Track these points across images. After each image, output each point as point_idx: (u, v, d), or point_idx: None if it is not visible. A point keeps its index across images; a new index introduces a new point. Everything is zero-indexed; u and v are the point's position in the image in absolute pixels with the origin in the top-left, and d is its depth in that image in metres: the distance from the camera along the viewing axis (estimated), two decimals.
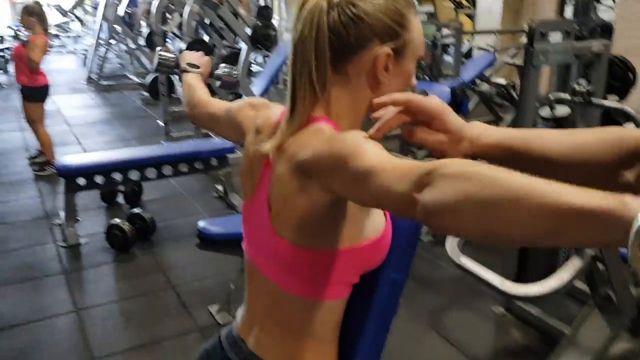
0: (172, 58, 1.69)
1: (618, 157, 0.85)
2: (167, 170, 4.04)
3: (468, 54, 7.28)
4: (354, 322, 1.05)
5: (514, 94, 5.74)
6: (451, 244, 2.80)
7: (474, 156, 0.89)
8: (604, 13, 8.54)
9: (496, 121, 6.26)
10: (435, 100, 0.89)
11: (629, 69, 4.62)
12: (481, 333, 2.96)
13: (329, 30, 0.90)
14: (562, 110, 2.37)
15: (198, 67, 1.53)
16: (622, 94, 4.33)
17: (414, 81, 1.02)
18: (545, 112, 2.41)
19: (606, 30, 7.07)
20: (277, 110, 1.07)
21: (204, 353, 1.15)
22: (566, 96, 2.31)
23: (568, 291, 2.98)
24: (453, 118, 0.89)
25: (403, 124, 0.89)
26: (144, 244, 3.82)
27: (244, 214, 1.09)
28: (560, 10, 7.71)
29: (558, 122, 2.40)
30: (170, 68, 1.70)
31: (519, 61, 6.31)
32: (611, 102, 2.36)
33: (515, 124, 2.61)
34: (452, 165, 0.68)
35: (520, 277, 2.97)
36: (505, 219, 0.61)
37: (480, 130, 0.90)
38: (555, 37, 2.50)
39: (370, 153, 0.78)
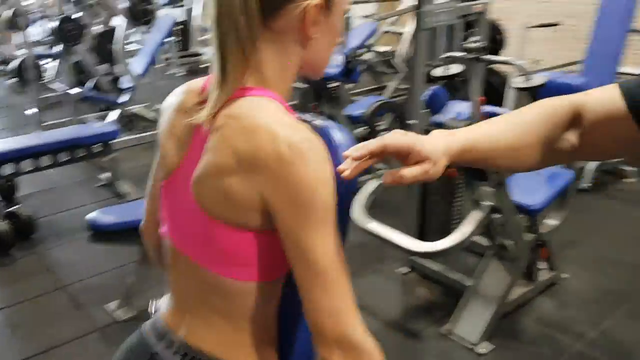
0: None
1: (560, 127, 0.96)
2: (45, 160, 3.69)
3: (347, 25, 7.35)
4: (291, 302, 0.98)
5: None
6: (357, 212, 2.81)
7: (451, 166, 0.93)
8: None
9: (381, 88, 6.40)
10: (403, 134, 0.87)
11: (498, 31, 4.90)
12: (389, 294, 3.02)
13: None
14: (455, 69, 2.42)
15: None
16: (494, 54, 4.58)
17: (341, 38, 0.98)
18: (438, 71, 2.45)
19: None
20: (199, 81, 0.97)
21: (127, 351, 1.02)
22: (458, 55, 2.37)
23: (466, 246, 3.10)
24: (425, 143, 0.87)
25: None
26: (24, 244, 3.49)
27: (165, 192, 0.97)
28: None
29: (450, 80, 2.46)
30: None
31: (398, 28, 6.46)
32: (500, 57, 2.45)
33: (408, 86, 2.63)
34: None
35: (421, 235, 3.05)
36: None
37: (447, 142, 0.90)
38: None
39: (326, 244, 0.81)
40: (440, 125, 2.53)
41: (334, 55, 3.81)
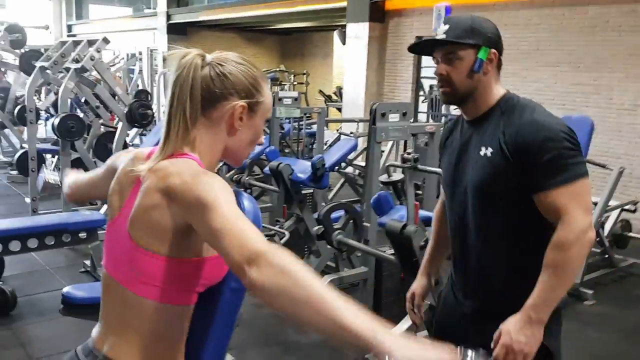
0: (56, 179, 1.74)
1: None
2: (32, 243, 3.91)
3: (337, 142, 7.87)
4: (200, 327, 1.23)
5: None
6: None
7: None
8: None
9: (360, 200, 6.76)
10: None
11: None
12: None
13: (201, 80, 1.17)
14: (398, 176, 2.77)
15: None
16: None
17: (262, 139, 1.31)
18: (383, 177, 2.80)
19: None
20: (146, 149, 1.28)
21: None
22: (398, 164, 2.73)
23: None
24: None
25: None
26: (3, 319, 3.66)
27: (108, 233, 1.25)
28: (415, 105, 8.67)
29: (394, 185, 2.79)
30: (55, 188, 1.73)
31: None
32: (432, 168, 2.80)
33: (363, 190, 2.96)
34: (277, 257, 0.97)
35: None
36: (302, 313, 0.94)
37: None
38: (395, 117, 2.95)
39: (225, 211, 1.03)
40: (383, 226, 2.82)
41: (304, 162, 4.22)
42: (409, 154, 2.52)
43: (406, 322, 2.56)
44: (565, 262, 1.47)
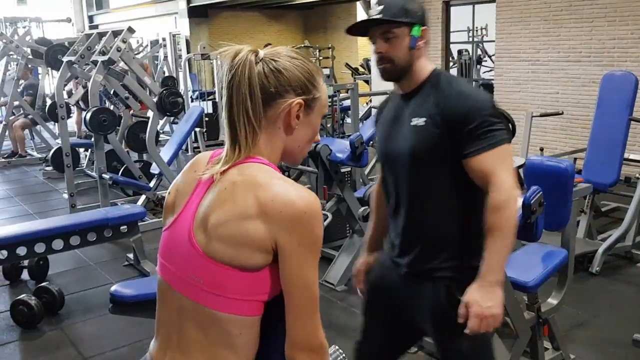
0: None
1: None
2: (74, 240, 3.90)
3: (369, 116, 7.72)
4: (264, 336, 1.14)
5: None
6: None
7: None
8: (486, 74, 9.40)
9: None
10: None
11: (509, 120, 5.15)
12: None
13: (257, 78, 1.09)
14: None
15: None
16: None
17: (319, 137, 1.23)
18: None
19: (488, 87, 7.83)
20: (207, 153, 1.21)
21: None
22: None
23: None
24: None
25: None
26: (52, 319, 3.67)
27: (163, 238, 1.17)
28: (446, 70, 8.42)
29: None
30: None
31: None
32: None
33: None
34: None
35: None
36: None
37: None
38: None
39: (317, 291, 1.09)
40: None
41: (342, 141, 4.11)
42: None
43: None
44: (504, 221, 1.60)
